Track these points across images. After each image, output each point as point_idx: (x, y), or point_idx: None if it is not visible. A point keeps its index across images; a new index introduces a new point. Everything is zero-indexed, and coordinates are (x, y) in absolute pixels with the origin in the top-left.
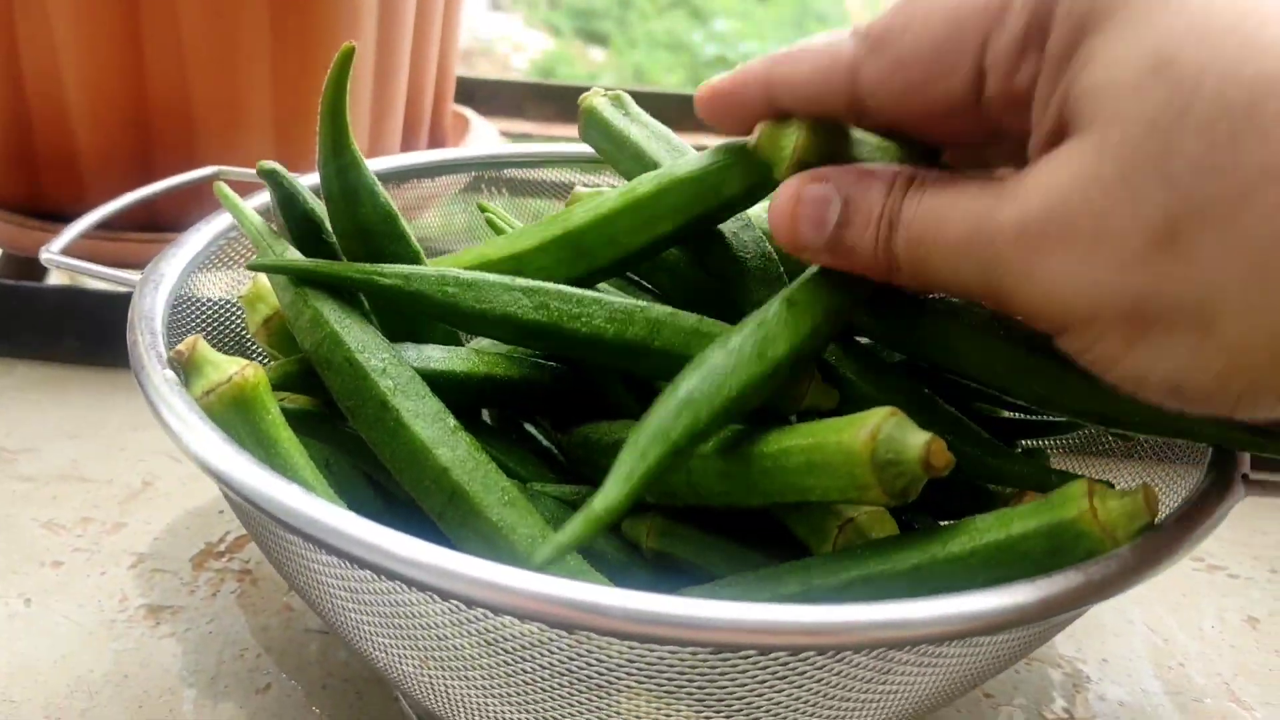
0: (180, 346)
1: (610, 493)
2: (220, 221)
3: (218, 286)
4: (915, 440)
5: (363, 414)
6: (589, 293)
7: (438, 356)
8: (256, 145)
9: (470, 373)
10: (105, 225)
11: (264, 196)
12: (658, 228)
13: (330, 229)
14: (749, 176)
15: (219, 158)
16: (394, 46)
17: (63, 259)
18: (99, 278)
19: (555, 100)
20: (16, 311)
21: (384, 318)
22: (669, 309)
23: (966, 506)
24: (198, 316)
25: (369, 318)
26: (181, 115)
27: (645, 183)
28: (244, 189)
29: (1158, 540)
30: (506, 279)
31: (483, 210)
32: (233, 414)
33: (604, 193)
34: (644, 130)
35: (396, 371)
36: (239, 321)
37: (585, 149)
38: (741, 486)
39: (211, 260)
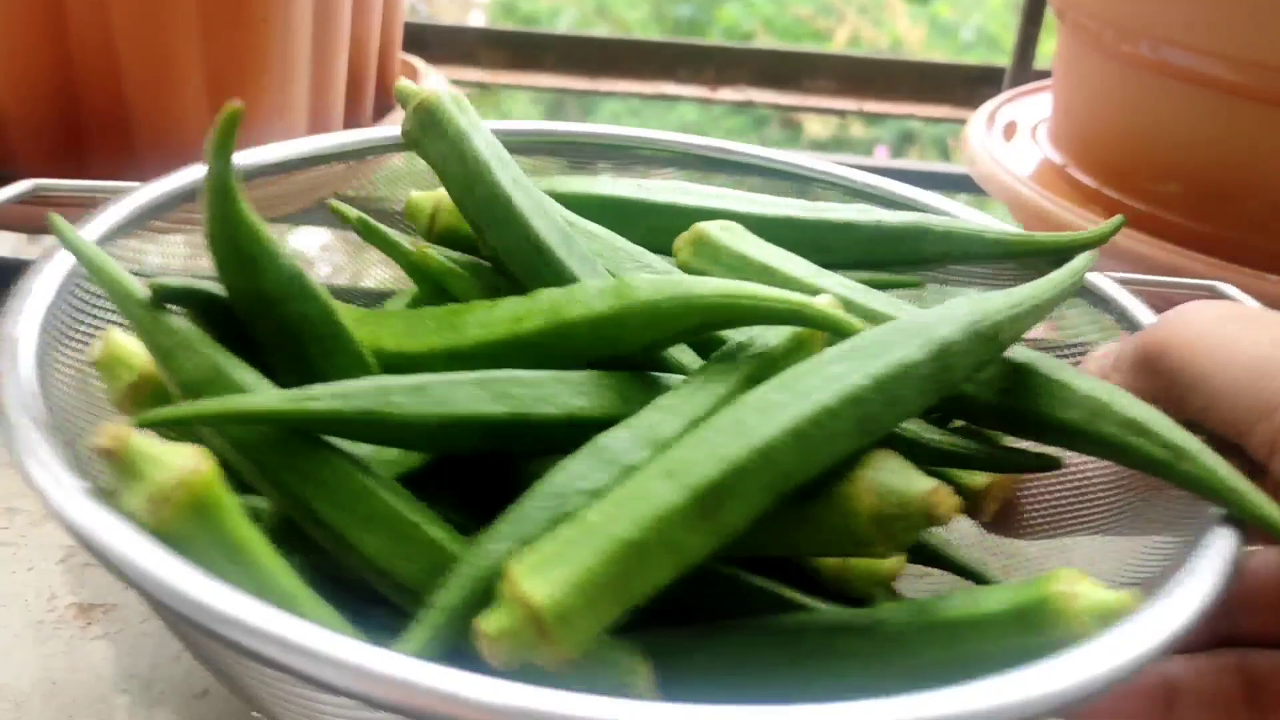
0: (105, 441)
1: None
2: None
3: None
4: (918, 488)
5: (310, 530)
6: (537, 373)
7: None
8: (192, 115)
9: (399, 459)
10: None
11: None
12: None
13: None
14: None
15: (152, 129)
16: None
17: None
18: None
19: (508, 47)
20: None
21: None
22: (624, 373)
23: None
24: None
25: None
26: (110, 86)
27: (533, 318)
28: (70, 204)
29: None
30: (449, 375)
31: (335, 211)
32: (193, 526)
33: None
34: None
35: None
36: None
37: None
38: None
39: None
